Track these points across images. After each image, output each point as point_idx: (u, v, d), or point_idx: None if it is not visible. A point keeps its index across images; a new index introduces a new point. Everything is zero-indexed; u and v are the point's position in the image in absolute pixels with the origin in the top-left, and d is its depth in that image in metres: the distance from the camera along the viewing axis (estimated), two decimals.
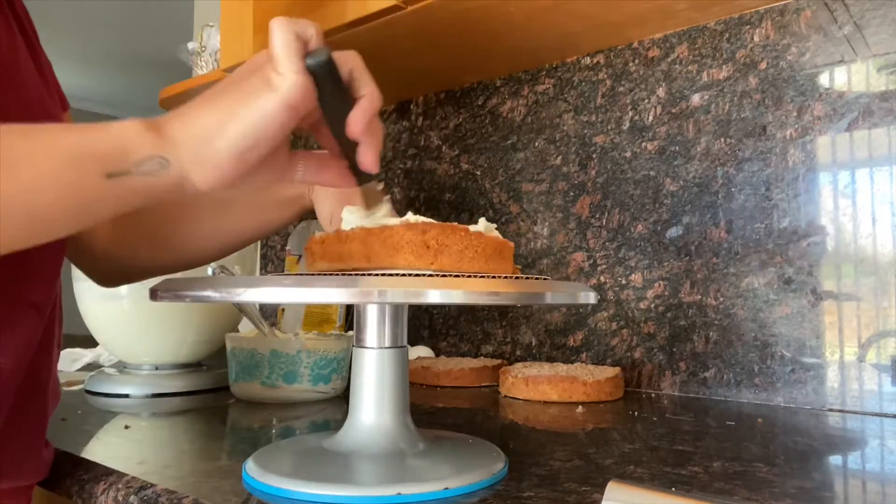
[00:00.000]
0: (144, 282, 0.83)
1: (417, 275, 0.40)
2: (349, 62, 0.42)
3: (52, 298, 0.50)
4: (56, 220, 0.36)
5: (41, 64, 0.52)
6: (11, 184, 0.33)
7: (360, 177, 0.45)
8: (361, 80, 0.42)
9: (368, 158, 0.43)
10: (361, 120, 0.42)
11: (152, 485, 0.44)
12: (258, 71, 0.39)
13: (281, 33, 0.38)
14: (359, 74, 0.42)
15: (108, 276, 0.67)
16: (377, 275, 0.41)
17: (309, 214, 0.68)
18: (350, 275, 0.40)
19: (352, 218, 0.46)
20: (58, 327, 0.53)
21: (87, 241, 0.62)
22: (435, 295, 0.37)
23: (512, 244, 0.45)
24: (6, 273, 0.45)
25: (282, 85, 0.38)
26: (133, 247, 0.63)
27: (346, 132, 0.42)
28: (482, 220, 0.44)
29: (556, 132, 0.99)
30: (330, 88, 0.40)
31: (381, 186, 0.47)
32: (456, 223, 0.42)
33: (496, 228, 0.45)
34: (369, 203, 0.47)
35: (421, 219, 0.42)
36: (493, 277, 0.40)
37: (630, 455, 0.53)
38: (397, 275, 0.41)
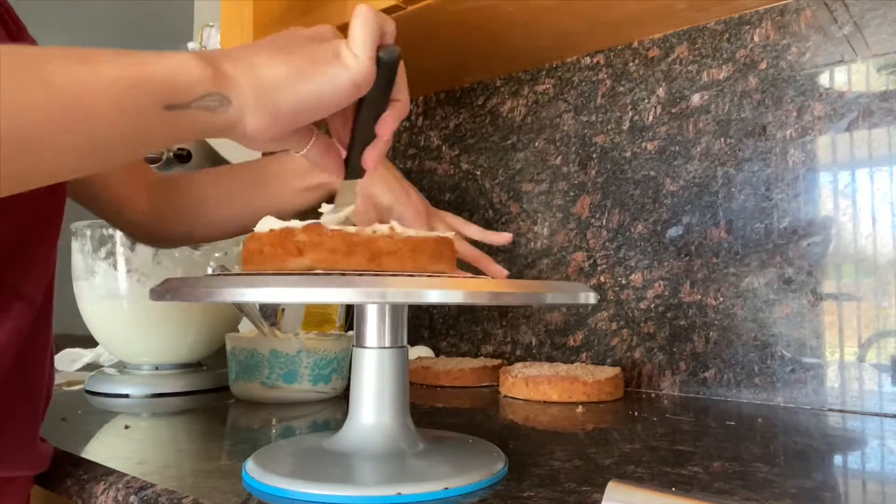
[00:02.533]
0: (144, 282, 0.83)
1: (418, 275, 0.40)
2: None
3: (44, 292, 0.52)
4: (115, 147, 0.36)
5: None
6: (74, 111, 0.33)
7: (349, 172, 0.47)
8: (401, 86, 0.45)
9: (374, 157, 0.45)
10: (393, 122, 0.44)
11: (152, 485, 0.44)
12: (324, 42, 0.41)
13: (368, 19, 0.41)
14: (400, 80, 0.44)
15: (150, 241, 0.75)
16: (377, 275, 0.41)
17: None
18: (350, 275, 0.40)
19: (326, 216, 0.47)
20: (50, 328, 0.54)
21: (125, 214, 0.68)
22: (435, 295, 0.37)
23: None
24: None
25: (354, 65, 0.40)
26: (169, 221, 0.70)
27: (375, 128, 0.44)
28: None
29: (556, 132, 0.99)
30: (381, 84, 0.42)
31: (357, 188, 0.47)
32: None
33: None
34: (341, 200, 0.47)
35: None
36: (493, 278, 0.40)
37: (630, 455, 0.53)
38: (397, 275, 0.41)
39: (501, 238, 0.73)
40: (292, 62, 0.39)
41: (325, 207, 0.47)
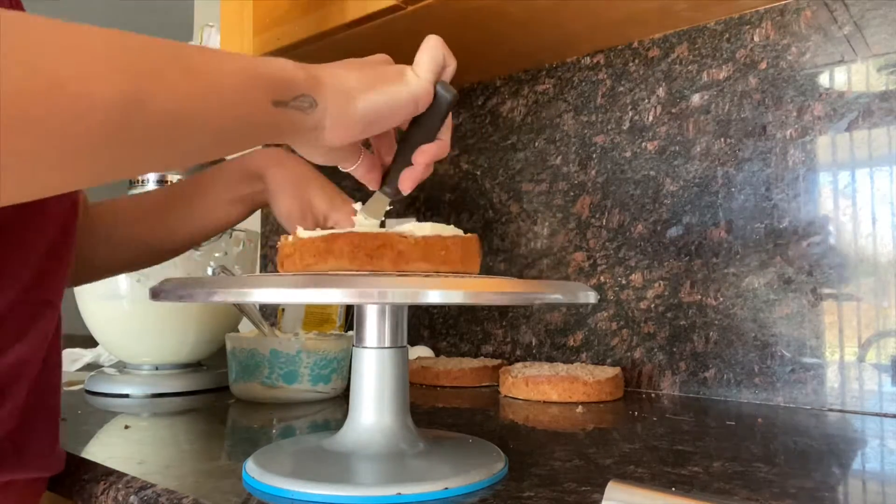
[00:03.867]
0: (144, 282, 0.83)
1: (417, 275, 0.40)
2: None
3: (62, 295, 0.53)
4: (233, 137, 0.38)
5: None
6: (212, 97, 0.35)
7: (384, 186, 0.50)
8: (445, 130, 0.49)
9: (410, 180, 0.49)
10: (430, 155, 0.48)
11: (152, 485, 0.44)
12: (391, 65, 0.46)
13: (435, 49, 0.46)
14: (447, 124, 0.49)
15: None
16: (377, 275, 0.41)
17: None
18: (349, 275, 0.40)
19: (359, 216, 0.50)
20: (60, 327, 0.55)
21: None
22: (435, 295, 0.37)
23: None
24: (34, 276, 0.48)
25: (414, 84, 0.44)
26: (90, 248, 0.64)
27: (413, 155, 0.48)
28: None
29: (556, 132, 0.99)
30: (431, 115, 0.47)
31: (387, 207, 0.50)
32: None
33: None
34: (371, 211, 0.50)
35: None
36: (493, 278, 0.40)
37: (630, 455, 0.53)
38: (397, 275, 0.41)
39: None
40: (366, 76, 0.43)
41: (357, 205, 0.51)
